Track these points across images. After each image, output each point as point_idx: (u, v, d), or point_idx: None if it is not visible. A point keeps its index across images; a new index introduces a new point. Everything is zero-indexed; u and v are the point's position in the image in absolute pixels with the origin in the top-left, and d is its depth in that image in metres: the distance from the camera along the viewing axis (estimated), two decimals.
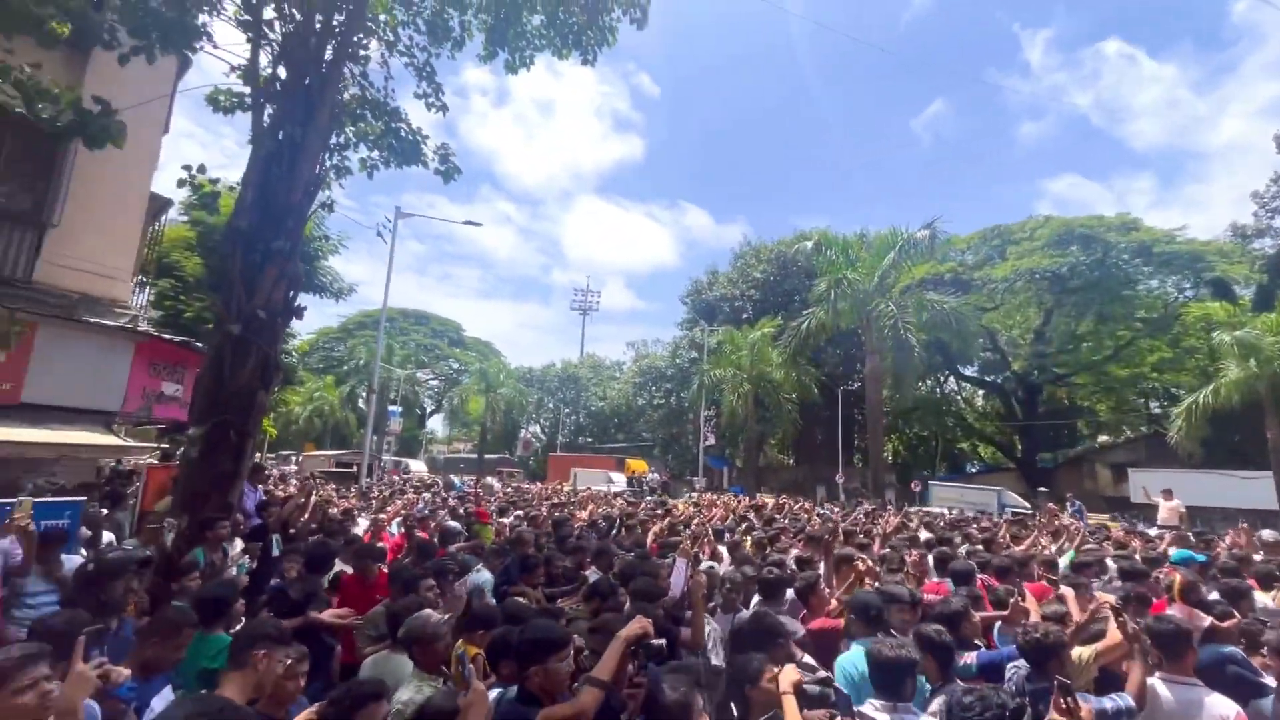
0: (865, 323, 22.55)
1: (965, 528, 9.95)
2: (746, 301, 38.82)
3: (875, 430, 23.35)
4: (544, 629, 2.47)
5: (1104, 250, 29.52)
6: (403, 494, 12.59)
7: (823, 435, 39.63)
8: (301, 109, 5.86)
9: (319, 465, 25.84)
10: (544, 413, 55.49)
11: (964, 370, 40.99)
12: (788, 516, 10.77)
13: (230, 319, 5.22)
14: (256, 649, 2.25)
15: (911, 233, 21.71)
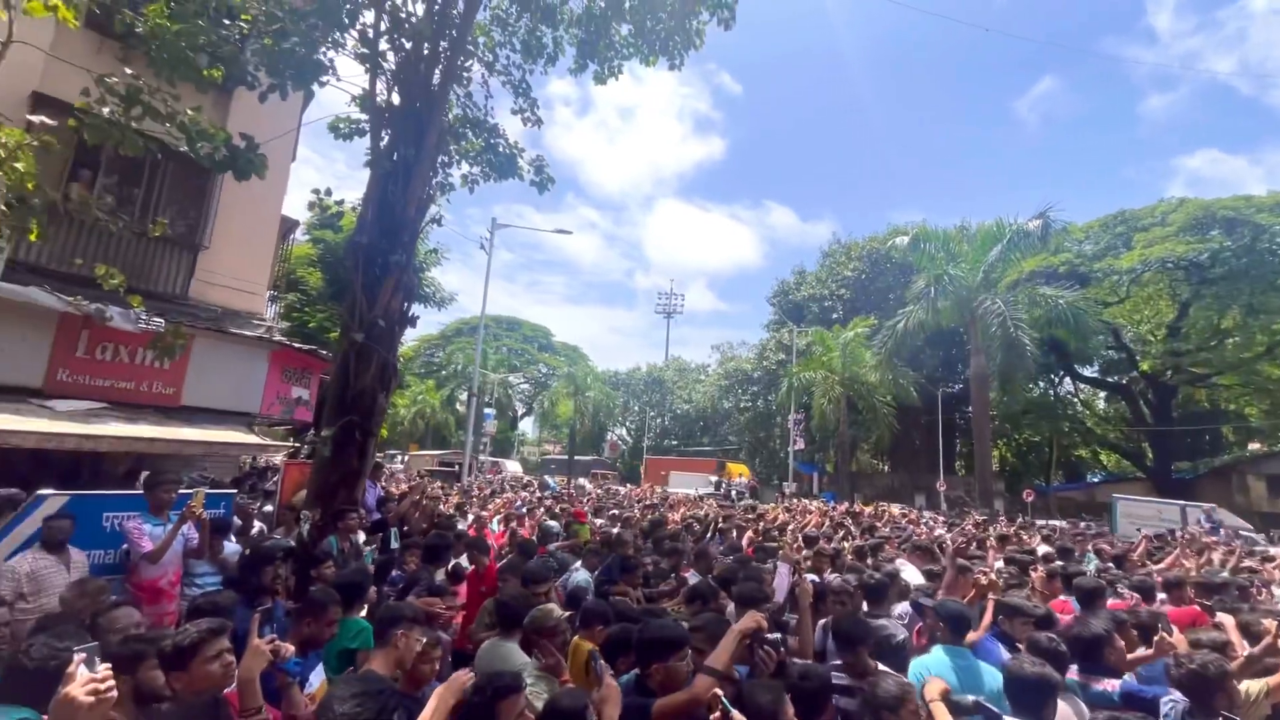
0: (969, 321, 21.13)
1: (1095, 542, 9.12)
2: (836, 301, 37.52)
3: (981, 435, 21.80)
4: (665, 628, 2.52)
5: (1253, 234, 26.11)
6: (501, 493, 13.15)
7: (921, 440, 37.56)
8: (413, 131, 6.29)
9: (424, 464, 27.49)
10: (630, 415, 56.16)
11: (1082, 370, 37.57)
12: (889, 525, 10.31)
13: (354, 328, 5.68)
14: (398, 628, 2.43)
15: (1021, 223, 20.13)
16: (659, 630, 2.47)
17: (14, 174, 4.57)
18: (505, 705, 1.86)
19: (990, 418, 36.19)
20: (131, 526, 4.16)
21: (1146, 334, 34.34)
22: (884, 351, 23.09)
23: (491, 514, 8.58)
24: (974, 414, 22.05)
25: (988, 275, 20.93)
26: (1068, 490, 37.53)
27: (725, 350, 55.21)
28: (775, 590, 4.40)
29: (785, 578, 4.83)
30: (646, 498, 15.29)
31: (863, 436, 34.63)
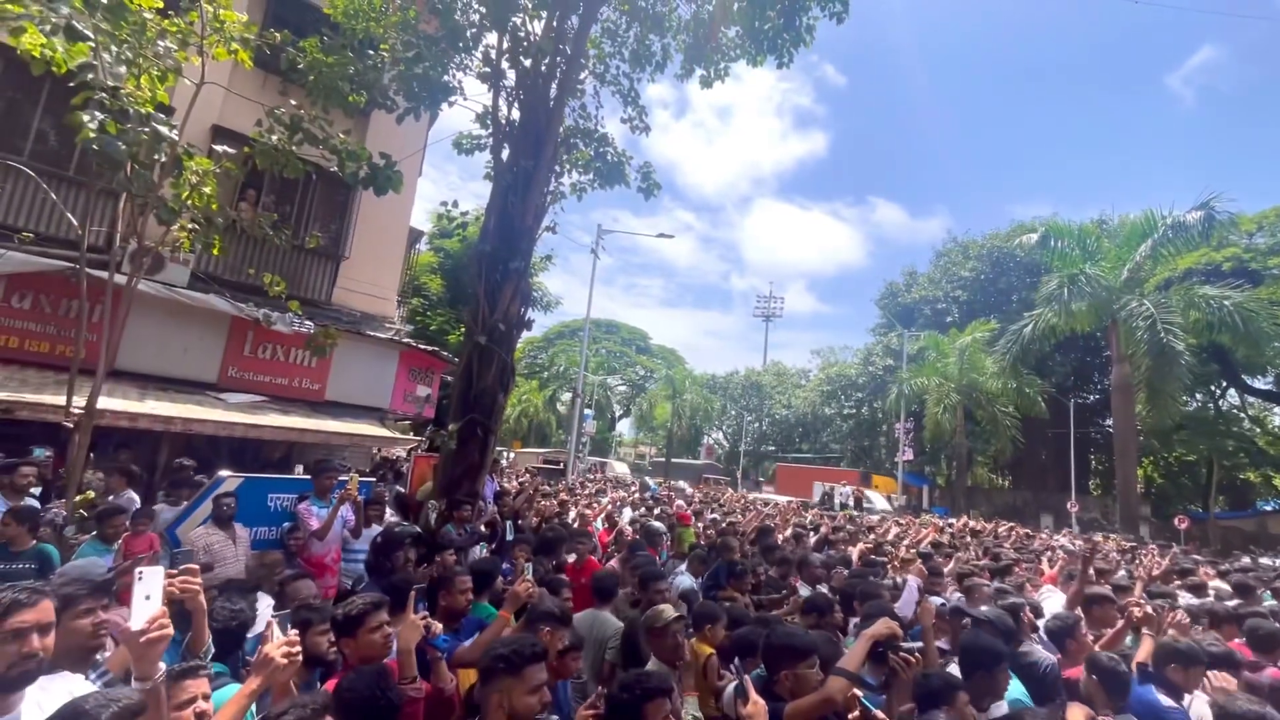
0: (1109, 325, 19.00)
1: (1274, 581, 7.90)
2: (952, 303, 35.14)
3: (1125, 452, 19.49)
4: (795, 635, 2.52)
5: None
6: (604, 493, 13.46)
7: (1048, 456, 34.30)
8: (532, 144, 6.61)
9: (529, 462, 28.69)
10: (727, 420, 55.60)
11: (1252, 382, 32.72)
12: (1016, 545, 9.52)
13: (478, 331, 6.05)
14: (543, 625, 2.56)
15: (1178, 215, 17.84)
16: (789, 637, 2.47)
17: (202, 198, 5.31)
18: (652, 708, 1.87)
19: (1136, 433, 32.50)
20: (302, 508, 4.70)
21: None
22: (1007, 357, 21.28)
23: (596, 513, 8.80)
24: (1116, 427, 19.80)
25: (1134, 274, 18.76)
26: (1231, 518, 32.77)
27: (826, 355, 53.33)
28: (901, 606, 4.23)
29: (914, 594, 4.61)
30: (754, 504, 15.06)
31: (980, 449, 32.17)
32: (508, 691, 1.86)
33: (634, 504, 11.68)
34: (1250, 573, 7.87)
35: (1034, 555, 8.31)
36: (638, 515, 9.50)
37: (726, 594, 4.80)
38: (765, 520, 8.78)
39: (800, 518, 11.68)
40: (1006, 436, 24.41)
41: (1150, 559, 8.04)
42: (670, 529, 7.76)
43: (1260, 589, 6.91)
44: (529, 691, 1.88)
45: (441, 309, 14.26)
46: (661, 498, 13.85)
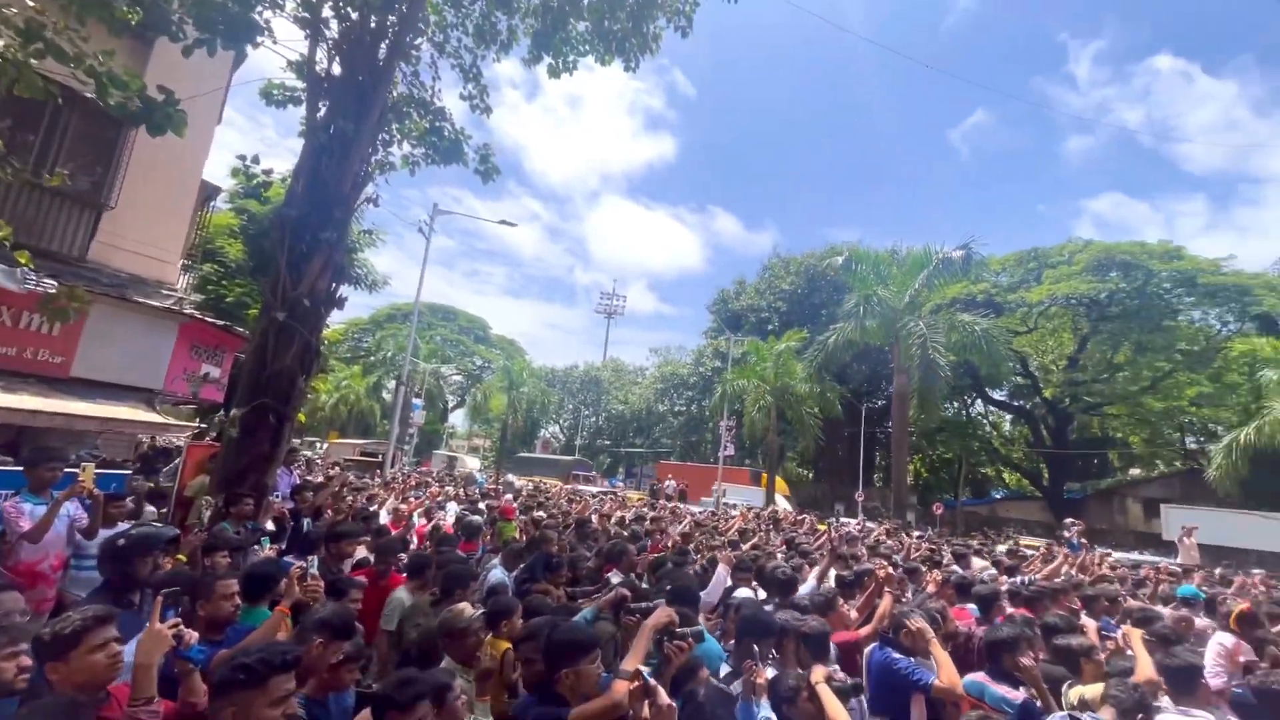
0: (893, 341, 22.24)
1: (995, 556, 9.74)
2: (773, 313, 38.61)
3: (899, 449, 22.96)
4: (574, 630, 2.46)
5: (1145, 278, 28.75)
6: (426, 486, 12.76)
7: (844, 452, 39.14)
8: (354, 104, 6.02)
9: (344, 453, 26.30)
10: (564, 413, 55.77)
11: (993, 394, 40.19)
12: (809, 532, 10.67)
13: (276, 305, 5.37)
14: (316, 635, 2.31)
15: (946, 252, 21.39)
16: (570, 632, 2.41)
17: None
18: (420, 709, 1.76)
19: (908, 434, 38.25)
20: (9, 506, 3.78)
21: (1050, 363, 37.11)
22: (813, 364, 23.96)
23: (413, 507, 8.30)
24: (894, 429, 23.21)
25: (913, 299, 22.09)
26: (973, 505, 40.06)
27: (664, 354, 55.77)
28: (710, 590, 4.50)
29: (722, 580, 4.97)
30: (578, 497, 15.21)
31: (790, 446, 35.76)
32: (245, 705, 1.65)
33: (459, 499, 11.23)
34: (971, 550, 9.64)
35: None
36: (462, 510, 9.14)
37: (541, 587, 4.78)
38: (588, 512, 8.91)
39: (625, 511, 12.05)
40: (811, 435, 27.42)
41: (908, 540, 9.51)
42: (492, 523, 7.57)
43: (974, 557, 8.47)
44: (271, 704, 1.68)
45: (242, 279, 12.49)
46: (490, 492, 13.48)
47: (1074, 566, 8.87)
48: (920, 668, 3.53)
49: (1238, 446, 19.11)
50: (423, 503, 8.71)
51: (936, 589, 5.58)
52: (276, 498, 5.50)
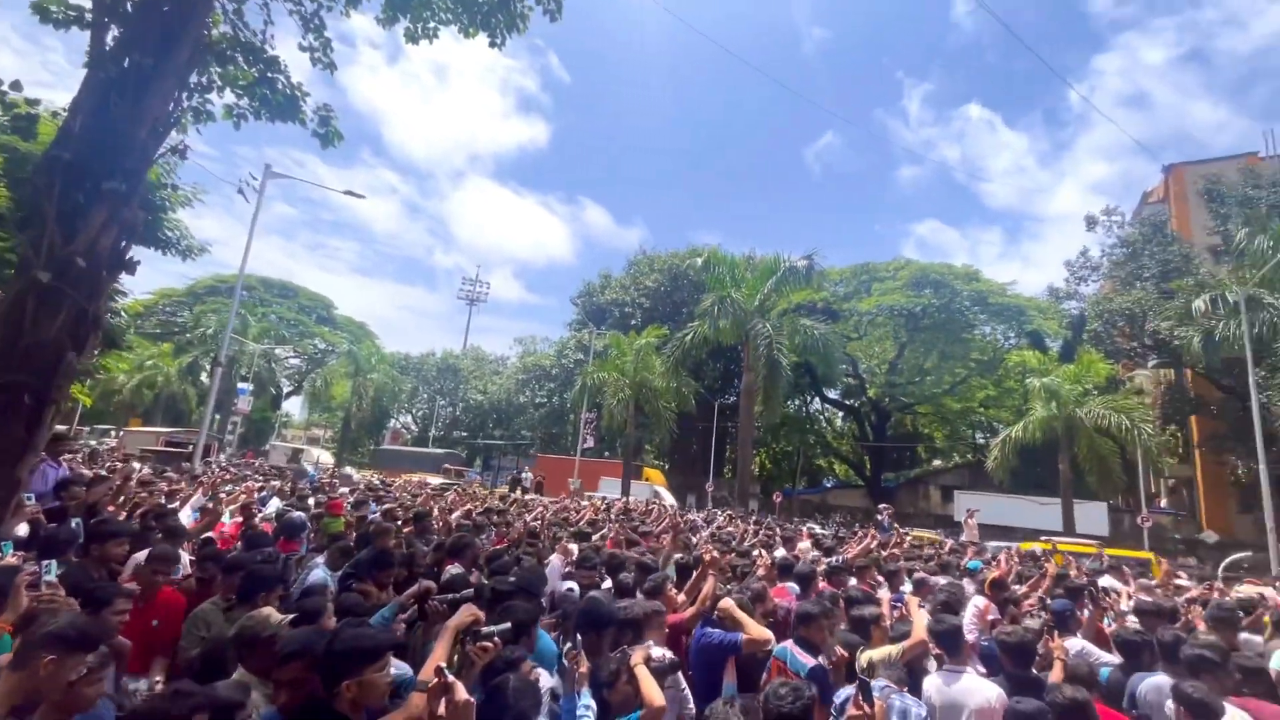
0: (744, 341, 23.73)
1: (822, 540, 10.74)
2: (636, 308, 39.48)
3: (745, 443, 24.63)
4: (357, 636, 2.21)
5: (950, 296, 33.36)
6: (243, 479, 11.42)
7: (698, 445, 41.11)
8: (156, 36, 5.15)
9: (145, 443, 22.77)
10: (418, 403, 52.88)
11: (828, 393, 44.37)
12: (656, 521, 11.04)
13: (38, 263, 4.46)
14: (45, 652, 1.91)
15: (793, 261, 23.25)
16: (355, 639, 2.18)
17: None
18: None
19: (754, 428, 41.02)
20: None
21: (875, 367, 41.78)
22: (671, 360, 24.89)
23: (226, 504, 7.36)
24: (740, 423, 24.80)
25: (763, 303, 23.73)
26: (807, 494, 44.02)
27: (528, 344, 54.87)
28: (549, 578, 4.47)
29: (556, 571, 4.96)
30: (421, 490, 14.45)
31: (647, 438, 36.86)
32: None
33: (283, 494, 10.18)
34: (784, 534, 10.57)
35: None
36: (284, 506, 8.29)
37: (362, 587, 4.45)
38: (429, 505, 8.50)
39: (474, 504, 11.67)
40: (666, 428, 28.47)
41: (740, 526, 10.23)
42: (316, 519, 6.95)
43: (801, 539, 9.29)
44: None
45: (5, 231, 10.27)
46: (322, 486, 12.38)
47: (881, 546, 10.09)
48: (733, 636, 3.82)
49: (1009, 442, 22.83)
50: (237, 498, 7.77)
51: (766, 570, 6.04)
52: (30, 498, 4.57)
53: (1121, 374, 31.87)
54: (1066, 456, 21.75)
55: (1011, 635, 3.61)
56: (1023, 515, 24.71)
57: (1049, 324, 33.70)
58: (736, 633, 3.81)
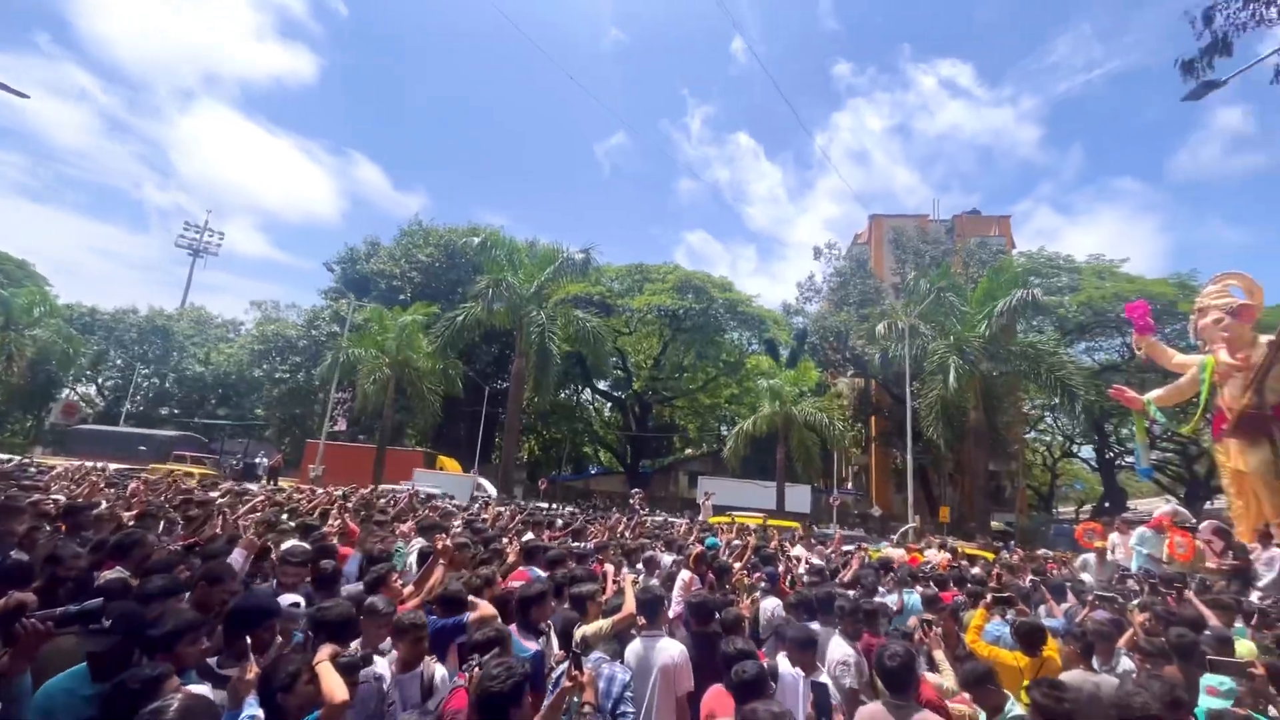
0: (518, 326, 23.57)
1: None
2: (407, 282, 36.68)
3: (512, 429, 24.49)
4: None
5: (708, 302, 37.22)
6: None
7: (465, 430, 39.77)
8: None
9: None
10: (108, 370, 42.46)
11: (598, 384, 46.34)
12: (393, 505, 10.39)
13: None
14: None
15: (571, 253, 23.71)
16: None
17: None
18: None
19: (524, 415, 41.11)
20: None
21: (641, 361, 44.78)
22: (440, 341, 23.64)
23: None
24: (508, 409, 24.60)
25: (539, 290, 23.82)
26: (572, 480, 45.52)
27: (269, 310, 47.59)
28: None
29: (238, 559, 4.33)
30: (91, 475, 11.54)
31: (409, 422, 34.59)
32: None
33: None
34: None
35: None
36: None
37: None
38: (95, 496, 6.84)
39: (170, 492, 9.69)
40: (431, 412, 27.00)
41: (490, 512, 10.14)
42: None
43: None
44: None
45: None
46: None
47: (627, 529, 10.83)
48: (458, 619, 3.75)
49: (742, 433, 26.32)
50: None
51: (515, 556, 6.00)
52: None
53: (829, 380, 38.84)
54: (783, 447, 25.78)
55: (695, 597, 4.10)
56: (750, 497, 28.59)
57: (782, 334, 39.56)
58: (463, 615, 3.75)
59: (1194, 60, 6.43)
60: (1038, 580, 7.10)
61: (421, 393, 25.79)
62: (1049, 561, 11.45)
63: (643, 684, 3.67)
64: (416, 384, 25.65)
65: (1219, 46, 6.28)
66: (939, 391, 23.20)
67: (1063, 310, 33.08)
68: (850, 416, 36.62)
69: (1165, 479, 34.97)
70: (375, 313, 26.59)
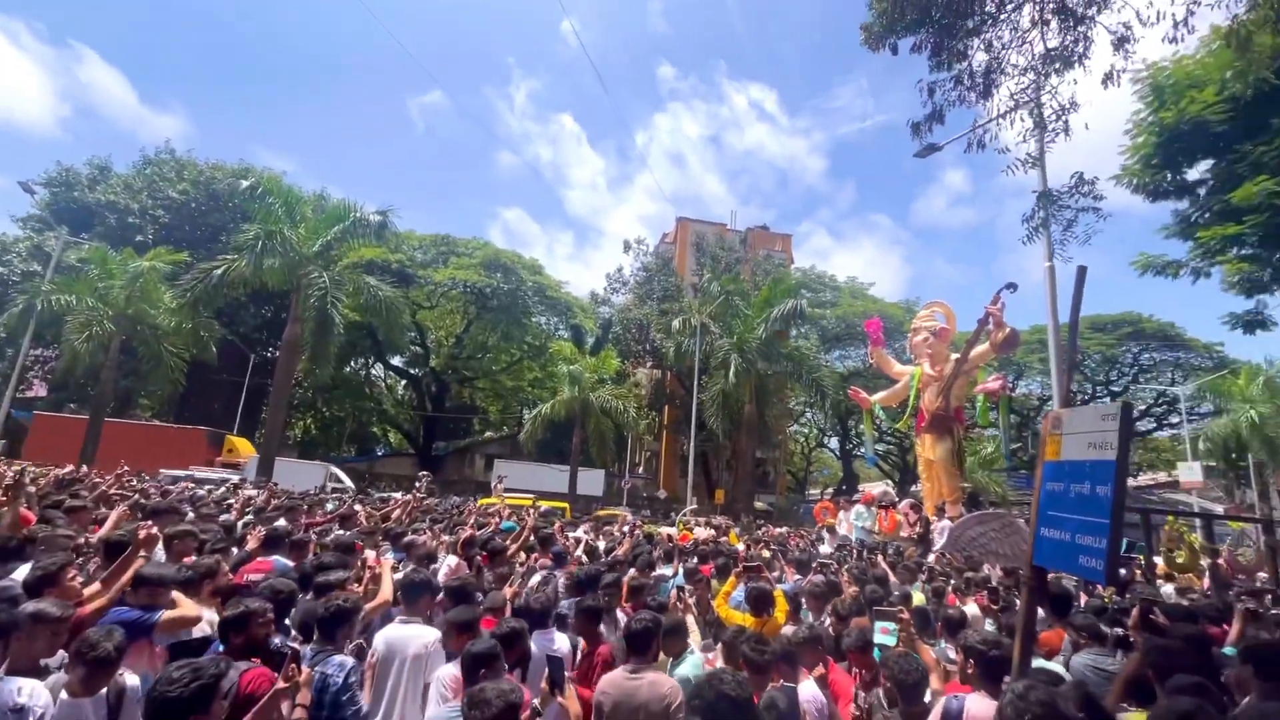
0: (295, 288, 20.72)
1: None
2: (149, 221, 30.21)
3: (279, 403, 21.41)
4: None
5: (517, 283, 36.50)
6: None
7: (224, 403, 34.27)
8: None
9: None
10: None
11: (391, 359, 42.99)
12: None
13: None
14: None
15: (366, 213, 21.40)
16: None
17: None
18: None
19: (300, 389, 36.60)
20: None
21: (442, 338, 42.47)
22: (189, 296, 19.79)
23: None
24: (276, 381, 21.55)
25: (325, 250, 21.18)
26: (356, 462, 41.67)
27: None
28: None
29: None
30: None
31: (141, 389, 28.75)
32: None
33: None
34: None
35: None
36: None
37: None
38: None
39: None
40: (172, 379, 22.63)
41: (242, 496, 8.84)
42: None
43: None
44: None
45: None
46: None
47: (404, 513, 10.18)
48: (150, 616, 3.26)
49: (540, 417, 26.37)
50: None
51: (256, 544, 5.47)
52: None
53: (629, 370, 40.61)
54: (580, 432, 26.35)
55: (454, 582, 3.96)
56: (545, 480, 28.76)
57: (588, 322, 40.32)
58: (156, 611, 3.23)
59: (919, 124, 7.76)
60: (775, 551, 8.14)
61: (159, 355, 21.45)
62: (790, 535, 13.25)
63: (387, 670, 3.48)
64: (153, 344, 21.26)
65: (936, 116, 7.68)
66: (721, 385, 25.57)
67: (825, 321, 38.60)
68: (646, 405, 38.72)
69: (887, 466, 42.63)
70: (98, 253, 21.34)
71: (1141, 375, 37.03)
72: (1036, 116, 7.69)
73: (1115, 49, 6.93)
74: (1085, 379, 37.21)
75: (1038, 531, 3.84)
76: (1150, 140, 11.11)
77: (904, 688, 3.06)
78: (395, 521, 8.89)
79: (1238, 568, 8.79)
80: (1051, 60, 7.25)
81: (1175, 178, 11.36)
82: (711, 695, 2.30)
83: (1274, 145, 9.48)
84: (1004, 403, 14.02)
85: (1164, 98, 10.80)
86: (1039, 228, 9.25)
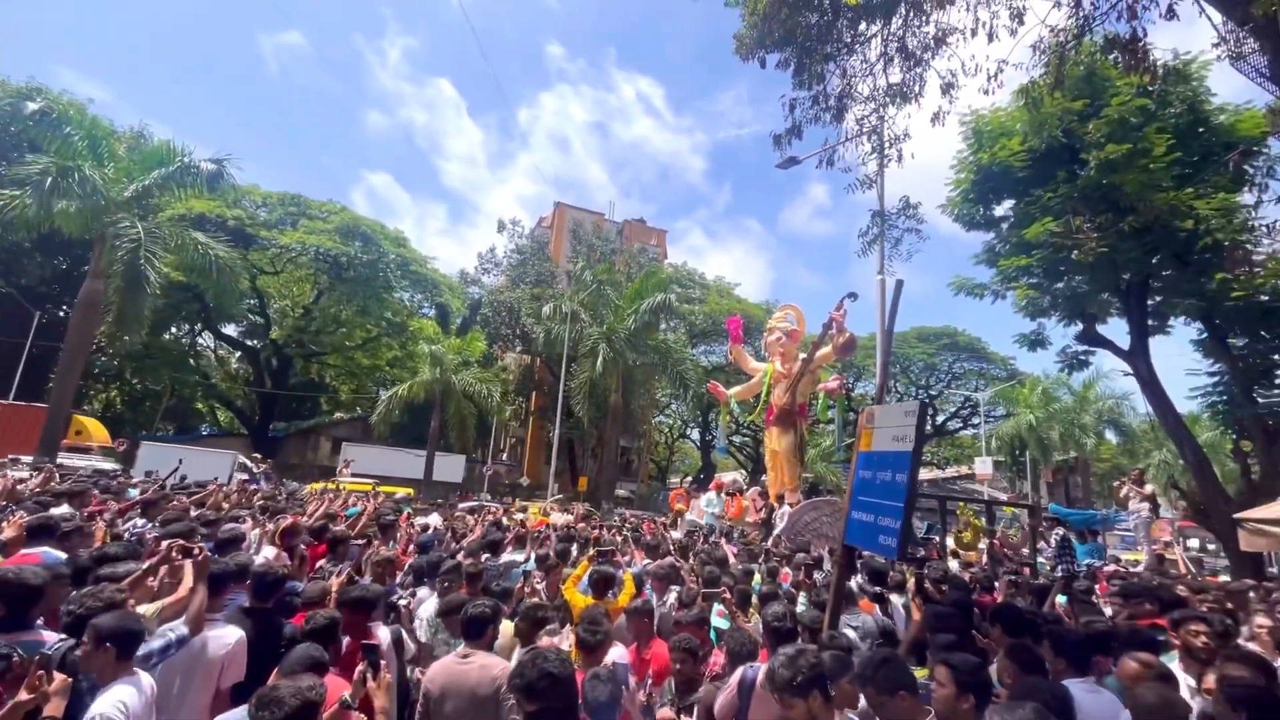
0: (99, 237, 17.65)
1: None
2: None
3: (69, 371, 18.10)
4: None
5: (378, 254, 33.97)
6: None
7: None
8: None
9: None
10: None
11: (223, 327, 38.30)
12: None
13: None
14: None
15: (195, 159, 18.70)
16: None
17: None
18: None
19: (104, 356, 31.47)
20: None
21: (287, 308, 38.49)
22: None
23: None
24: (68, 343, 18.18)
25: (141, 196, 18.23)
26: (175, 441, 36.59)
27: None
28: None
29: None
30: None
31: None
32: None
33: None
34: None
35: None
36: None
37: None
38: None
39: None
40: None
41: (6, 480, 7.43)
42: None
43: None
44: None
45: None
46: None
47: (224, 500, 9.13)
48: None
49: (395, 398, 24.88)
50: None
51: (16, 532, 4.76)
52: None
53: (498, 354, 39.52)
54: (439, 415, 25.23)
55: (260, 568, 3.67)
56: (399, 465, 27.21)
57: (455, 302, 38.60)
58: None
59: (780, 136, 8.29)
60: (628, 536, 8.37)
61: None
62: (645, 521, 13.69)
63: (171, 676, 3.08)
64: None
65: (796, 131, 8.25)
66: (590, 374, 25.71)
67: (692, 317, 40.13)
68: (513, 391, 37.92)
69: (742, 457, 45.39)
70: None
71: (954, 382, 42.69)
72: (876, 142, 8.51)
73: (943, 93, 7.87)
74: (910, 383, 42.20)
75: (849, 514, 4.29)
76: (969, 178, 12.79)
77: (737, 658, 3.30)
78: (211, 508, 7.94)
79: (1007, 544, 10.49)
80: (892, 94, 8.06)
81: (985, 212, 13.20)
82: (534, 673, 2.30)
83: (1058, 192, 11.35)
84: (841, 401, 15.43)
85: (982, 141, 12.48)
86: (871, 243, 10.27)
